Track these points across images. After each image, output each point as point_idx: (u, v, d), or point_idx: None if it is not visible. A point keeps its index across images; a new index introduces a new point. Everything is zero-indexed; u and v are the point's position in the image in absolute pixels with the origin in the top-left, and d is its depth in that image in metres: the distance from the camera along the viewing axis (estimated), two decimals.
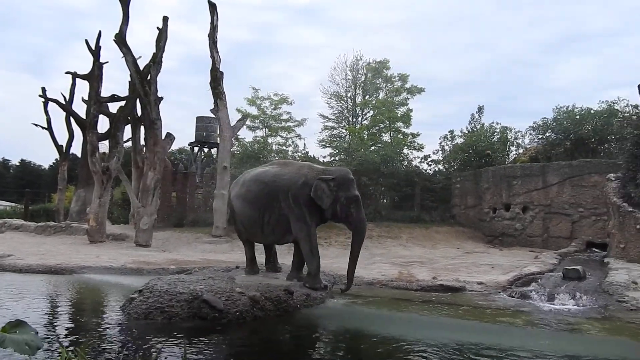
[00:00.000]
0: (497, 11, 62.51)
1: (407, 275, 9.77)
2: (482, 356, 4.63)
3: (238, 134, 20.85)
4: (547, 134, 20.62)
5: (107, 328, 5.30)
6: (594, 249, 15.46)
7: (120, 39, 16.21)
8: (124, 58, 16.26)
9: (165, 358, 4.35)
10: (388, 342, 5.10)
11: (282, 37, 68.44)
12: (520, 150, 23.04)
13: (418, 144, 23.82)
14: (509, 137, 22.65)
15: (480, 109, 23.38)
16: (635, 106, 15.99)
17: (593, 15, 57.50)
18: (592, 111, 19.47)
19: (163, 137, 16.35)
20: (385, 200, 21.57)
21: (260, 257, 8.43)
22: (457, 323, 6.35)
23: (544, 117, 20.72)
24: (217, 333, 5.17)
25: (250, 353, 4.89)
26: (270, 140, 23.01)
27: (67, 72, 23.33)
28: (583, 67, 57.82)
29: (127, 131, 19.41)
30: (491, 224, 19.06)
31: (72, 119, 23.45)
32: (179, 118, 66.62)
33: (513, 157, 22.69)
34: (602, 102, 19.88)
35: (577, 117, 19.55)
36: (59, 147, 25.16)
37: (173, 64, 60.76)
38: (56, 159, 29.38)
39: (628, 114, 16.82)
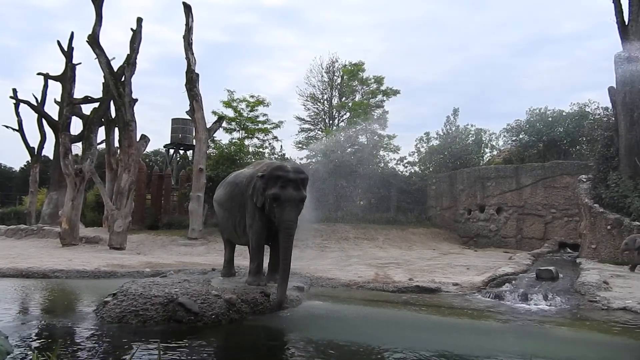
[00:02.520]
0: (469, 14, 63.48)
1: (384, 276, 9.82)
2: (458, 357, 4.67)
3: (214, 135, 20.71)
4: (521, 136, 21.02)
5: (80, 332, 5.18)
6: (566, 249, 15.80)
7: (93, 40, 15.97)
8: (97, 59, 16.04)
9: None
10: (363, 344, 5.11)
11: (257, 39, 68.32)
12: (495, 152, 23.43)
13: (394, 145, 24.01)
14: (484, 139, 23.05)
15: (455, 111, 23.70)
16: (606, 108, 16.40)
17: (563, 18, 58.90)
18: (564, 113, 19.92)
19: (138, 139, 16.15)
20: (361, 202, 21.67)
21: (239, 260, 8.40)
22: (432, 325, 6.42)
23: (517, 119, 21.16)
24: (192, 336, 5.11)
25: (226, 356, 4.85)
26: (246, 142, 22.84)
27: (38, 74, 22.96)
28: (555, 70, 59.12)
29: (101, 133, 19.16)
30: (466, 225, 19.31)
31: (44, 121, 23.05)
32: (154, 120, 65.95)
33: (487, 159, 23.06)
34: (574, 104, 20.43)
35: (550, 119, 19.97)
36: (30, 149, 24.67)
37: (148, 65, 60.04)
38: (27, 161, 28.82)
39: (599, 116, 17.26)
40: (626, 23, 13.07)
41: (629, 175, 12.37)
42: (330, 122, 26.52)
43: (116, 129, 18.46)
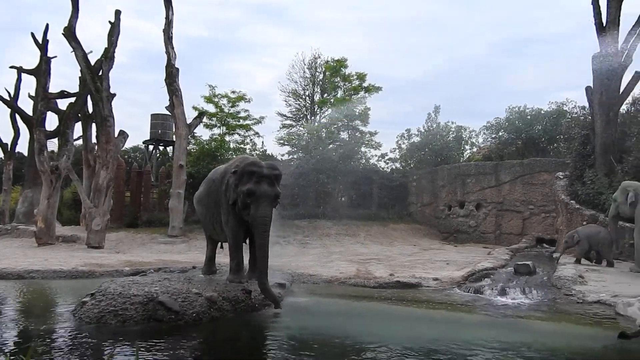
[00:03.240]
0: (453, 14, 63.88)
1: (365, 272, 9.87)
2: (438, 349, 4.72)
3: (195, 131, 20.50)
4: (500, 134, 21.30)
5: (57, 334, 5.09)
6: (543, 244, 16.06)
7: (70, 33, 15.66)
8: (73, 53, 15.73)
9: None
10: (346, 339, 5.12)
11: (240, 35, 67.74)
12: (475, 149, 23.69)
13: (375, 142, 24.06)
14: (464, 136, 23.29)
15: (436, 109, 23.83)
16: (583, 107, 16.69)
17: (544, 20, 59.59)
18: (542, 112, 20.23)
19: (116, 135, 15.90)
20: (343, 199, 21.70)
21: (220, 258, 8.35)
22: (413, 319, 6.48)
23: (497, 117, 21.43)
24: (173, 335, 5.07)
25: (207, 354, 4.81)
26: (227, 138, 22.62)
27: (11, 67, 22.40)
28: (534, 69, 59.88)
29: (78, 129, 18.78)
30: (446, 221, 19.49)
31: (17, 116, 22.48)
32: (133, 115, 64.82)
33: (467, 156, 23.31)
34: (552, 103, 20.71)
35: (528, 117, 20.26)
36: (3, 145, 24.07)
37: (126, 59, 59.03)
38: (0, 158, 28.06)
39: (576, 115, 17.55)
40: (604, 25, 13.31)
41: (604, 172, 12.63)
42: (312, 118, 26.48)
43: (93, 125, 18.13)
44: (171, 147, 27.37)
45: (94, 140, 19.03)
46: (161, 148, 31.63)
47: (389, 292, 8.14)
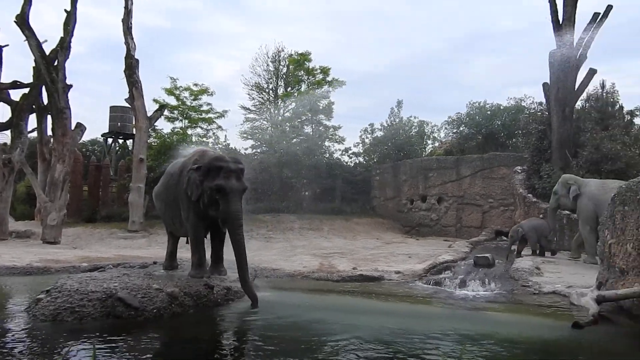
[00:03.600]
0: (413, 8, 64.59)
1: (328, 266, 9.91)
2: (399, 341, 4.78)
3: (155, 124, 20.08)
4: (461, 128, 21.69)
5: (9, 332, 4.88)
6: (502, 237, 16.46)
7: (22, 21, 15.05)
8: (26, 42, 15.11)
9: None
10: (309, 333, 5.13)
11: (202, 25, 66.54)
12: (437, 144, 24.07)
13: (339, 136, 24.14)
14: (426, 130, 23.64)
15: (399, 103, 24.04)
16: (540, 103, 17.16)
17: (502, 16, 60.96)
18: (501, 107, 20.69)
19: (73, 127, 15.42)
20: (307, 193, 21.70)
21: (182, 253, 8.21)
22: (376, 311, 6.54)
23: (458, 112, 21.79)
24: (132, 332, 4.95)
25: (167, 351, 4.72)
26: (189, 131, 22.26)
27: None
28: (493, 65, 61.25)
29: (32, 121, 18.09)
30: (409, 214, 19.75)
31: None
32: (91, 107, 62.84)
33: (430, 150, 23.68)
34: (511, 98, 21.19)
35: (488, 112, 20.70)
36: None
37: (83, 49, 57.08)
38: None
39: (533, 111, 18.05)
40: (560, 22, 13.71)
41: (560, 167, 13.05)
42: (276, 112, 26.31)
43: (49, 117, 17.53)
44: (131, 141, 26.73)
45: (49, 132, 18.40)
46: (120, 141, 30.87)
47: (352, 286, 8.21)
